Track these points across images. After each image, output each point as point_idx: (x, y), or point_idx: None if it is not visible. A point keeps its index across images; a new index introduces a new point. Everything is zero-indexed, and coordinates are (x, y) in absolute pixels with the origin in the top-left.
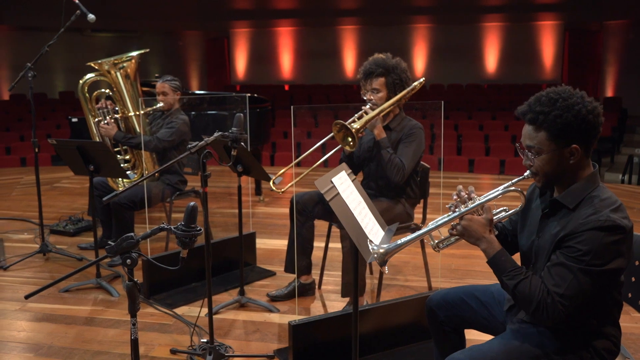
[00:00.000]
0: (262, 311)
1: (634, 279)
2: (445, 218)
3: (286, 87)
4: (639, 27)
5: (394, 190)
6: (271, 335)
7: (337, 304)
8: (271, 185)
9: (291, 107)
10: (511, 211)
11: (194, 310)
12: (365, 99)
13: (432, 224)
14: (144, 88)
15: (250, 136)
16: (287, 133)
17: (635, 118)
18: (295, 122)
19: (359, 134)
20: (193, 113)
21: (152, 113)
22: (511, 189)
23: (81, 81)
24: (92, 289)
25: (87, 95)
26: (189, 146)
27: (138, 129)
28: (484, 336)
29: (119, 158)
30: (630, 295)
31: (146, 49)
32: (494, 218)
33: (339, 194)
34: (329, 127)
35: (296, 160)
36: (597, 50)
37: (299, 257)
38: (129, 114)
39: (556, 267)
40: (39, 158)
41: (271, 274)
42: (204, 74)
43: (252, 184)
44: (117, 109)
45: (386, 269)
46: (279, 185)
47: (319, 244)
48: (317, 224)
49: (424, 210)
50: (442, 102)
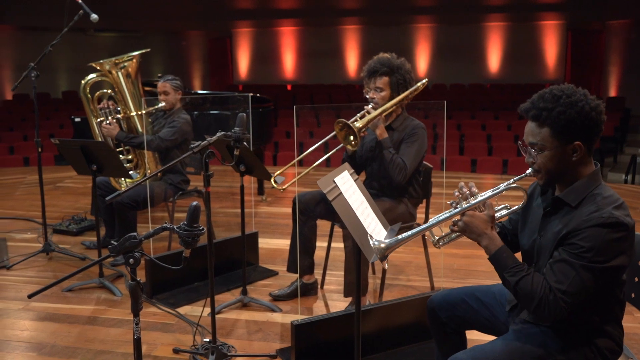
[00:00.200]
0: (265, 311)
1: (637, 279)
2: (447, 214)
3: (289, 87)
4: None
5: (396, 190)
6: (273, 335)
7: (339, 303)
8: (272, 183)
9: (294, 106)
10: (513, 208)
11: (197, 310)
12: (368, 97)
13: (433, 220)
14: (146, 88)
15: (253, 136)
16: (290, 133)
17: (639, 118)
18: (297, 122)
19: (361, 133)
20: (196, 113)
21: (154, 113)
22: (513, 186)
23: (83, 82)
24: (95, 288)
25: (89, 96)
26: (192, 146)
27: (140, 129)
28: (486, 337)
29: (121, 158)
30: (633, 295)
31: (147, 49)
32: (496, 215)
33: (341, 193)
34: (331, 127)
35: (298, 157)
36: (599, 50)
37: (302, 256)
38: (131, 113)
39: (558, 264)
40: (42, 158)
41: (273, 273)
42: (206, 73)
43: (255, 183)
44: (119, 109)
45: (386, 264)
46: (280, 184)
47: (321, 244)
48: (319, 224)
49: (427, 210)
50: (445, 102)
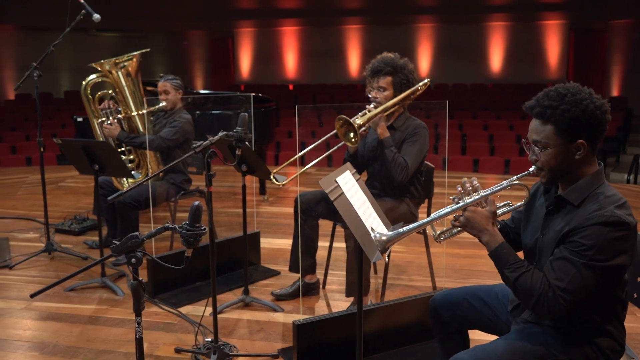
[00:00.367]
0: (267, 310)
1: (639, 278)
2: (449, 209)
3: (290, 87)
4: None
5: (398, 189)
6: (275, 335)
7: (341, 303)
8: (272, 179)
9: (295, 106)
10: (515, 205)
11: (199, 310)
12: (371, 96)
13: (435, 214)
14: (148, 88)
15: (255, 136)
16: (292, 132)
17: None
18: (299, 122)
19: (361, 131)
20: (198, 112)
21: (155, 113)
22: (515, 183)
23: (84, 83)
24: (97, 288)
25: (89, 96)
26: (194, 145)
27: (141, 129)
28: (488, 336)
29: (123, 158)
30: (635, 295)
31: (147, 49)
32: (498, 212)
33: (343, 193)
34: (333, 126)
35: (299, 154)
36: (602, 49)
37: (303, 256)
38: (132, 113)
39: (559, 261)
40: (45, 157)
41: (275, 273)
42: (208, 73)
43: (257, 183)
44: (120, 109)
45: (387, 257)
46: (281, 182)
47: (323, 244)
48: (321, 224)
49: (429, 210)
50: (447, 101)
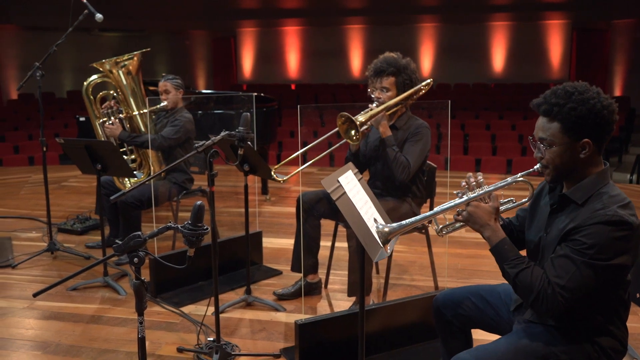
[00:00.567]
0: (269, 310)
1: None
2: (452, 203)
3: (293, 87)
4: None
5: (400, 189)
6: (277, 334)
7: (343, 303)
8: (272, 174)
9: (298, 106)
10: (518, 202)
11: (201, 309)
12: (374, 97)
13: (438, 208)
14: (150, 87)
15: (257, 135)
16: (294, 132)
17: None
18: (301, 122)
19: (363, 129)
20: (200, 112)
21: (156, 112)
22: (520, 179)
23: (85, 83)
24: (100, 287)
25: (91, 97)
26: (196, 145)
27: (143, 128)
28: (491, 336)
29: (124, 158)
30: (638, 295)
31: (147, 48)
32: (501, 208)
33: (345, 193)
34: (335, 126)
35: (301, 150)
36: (604, 49)
37: (306, 256)
38: (133, 113)
39: (560, 259)
40: (47, 157)
41: (277, 273)
42: (210, 73)
43: (259, 183)
44: (121, 109)
45: (388, 248)
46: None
47: (325, 243)
48: (323, 223)
49: (431, 210)
50: (449, 101)
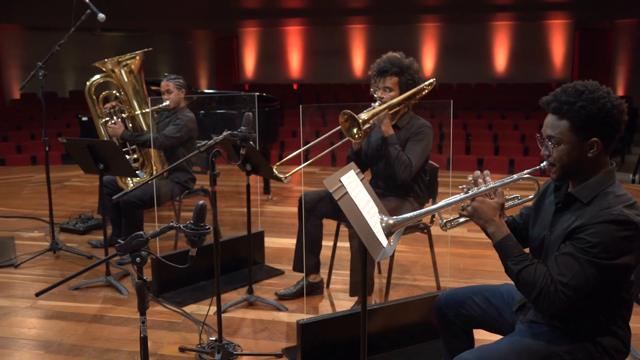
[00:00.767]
0: (271, 310)
1: None
2: (457, 197)
3: (295, 86)
4: None
5: (402, 189)
6: (279, 334)
7: (345, 303)
8: (274, 171)
9: (300, 106)
10: (524, 199)
11: (203, 309)
12: (377, 96)
13: (443, 202)
14: (152, 87)
15: (259, 135)
16: (296, 132)
17: None
18: (303, 121)
19: (365, 128)
20: (202, 112)
21: (159, 112)
22: (526, 176)
23: (88, 83)
24: (102, 286)
25: (94, 97)
26: (198, 145)
27: (145, 128)
28: (493, 336)
29: (127, 158)
30: None
31: (149, 48)
32: (506, 204)
33: (347, 193)
34: (337, 126)
35: (303, 148)
36: (607, 49)
37: (308, 256)
38: (136, 112)
39: (563, 257)
40: (50, 156)
41: (279, 272)
42: (212, 73)
43: (261, 182)
44: (123, 108)
45: (392, 240)
46: (283, 173)
47: (327, 243)
48: (325, 223)
49: None
50: (451, 101)
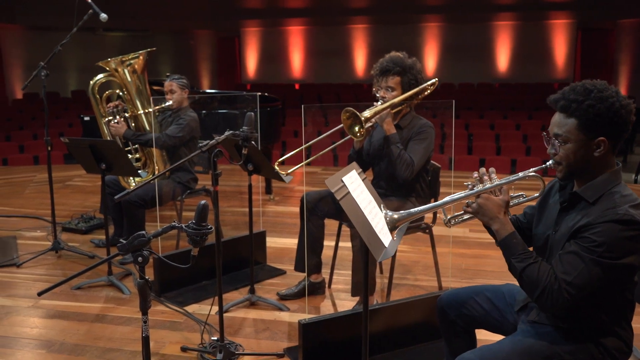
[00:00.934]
0: (272, 310)
1: None
2: (462, 194)
3: (296, 86)
4: None
5: (404, 189)
6: (281, 334)
7: (347, 303)
8: (276, 167)
9: (301, 106)
10: (529, 197)
11: (205, 309)
12: (379, 96)
13: (448, 198)
14: (155, 87)
15: (261, 135)
16: (298, 132)
17: None
18: (305, 121)
19: (367, 126)
20: (204, 112)
21: (161, 112)
22: (531, 174)
23: (91, 82)
24: (104, 286)
25: (97, 96)
26: (200, 145)
27: (148, 127)
28: (495, 336)
29: (129, 157)
30: None
31: (153, 48)
32: (511, 202)
33: (349, 193)
34: (339, 124)
35: (305, 145)
36: (610, 49)
37: (309, 255)
38: (138, 112)
39: (568, 255)
40: (52, 156)
41: (281, 272)
42: (214, 73)
43: (263, 182)
44: (126, 108)
45: (395, 234)
46: (285, 171)
47: (329, 243)
48: (327, 223)
49: None
50: (453, 101)
